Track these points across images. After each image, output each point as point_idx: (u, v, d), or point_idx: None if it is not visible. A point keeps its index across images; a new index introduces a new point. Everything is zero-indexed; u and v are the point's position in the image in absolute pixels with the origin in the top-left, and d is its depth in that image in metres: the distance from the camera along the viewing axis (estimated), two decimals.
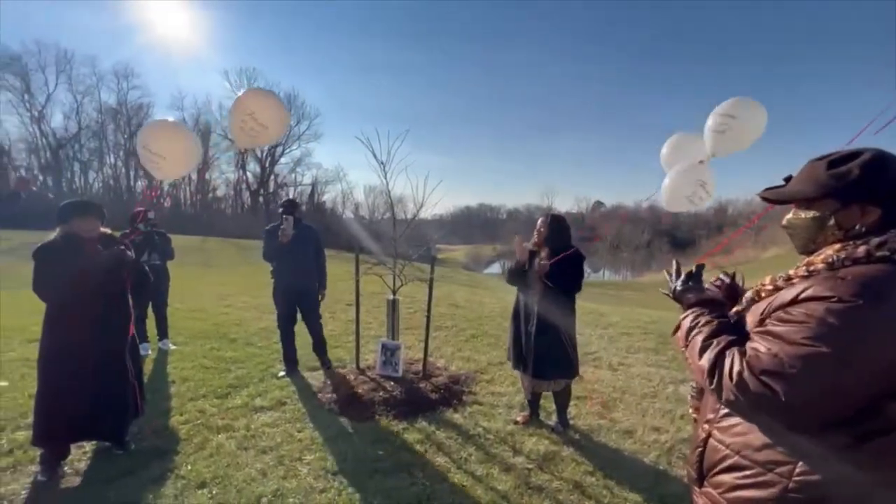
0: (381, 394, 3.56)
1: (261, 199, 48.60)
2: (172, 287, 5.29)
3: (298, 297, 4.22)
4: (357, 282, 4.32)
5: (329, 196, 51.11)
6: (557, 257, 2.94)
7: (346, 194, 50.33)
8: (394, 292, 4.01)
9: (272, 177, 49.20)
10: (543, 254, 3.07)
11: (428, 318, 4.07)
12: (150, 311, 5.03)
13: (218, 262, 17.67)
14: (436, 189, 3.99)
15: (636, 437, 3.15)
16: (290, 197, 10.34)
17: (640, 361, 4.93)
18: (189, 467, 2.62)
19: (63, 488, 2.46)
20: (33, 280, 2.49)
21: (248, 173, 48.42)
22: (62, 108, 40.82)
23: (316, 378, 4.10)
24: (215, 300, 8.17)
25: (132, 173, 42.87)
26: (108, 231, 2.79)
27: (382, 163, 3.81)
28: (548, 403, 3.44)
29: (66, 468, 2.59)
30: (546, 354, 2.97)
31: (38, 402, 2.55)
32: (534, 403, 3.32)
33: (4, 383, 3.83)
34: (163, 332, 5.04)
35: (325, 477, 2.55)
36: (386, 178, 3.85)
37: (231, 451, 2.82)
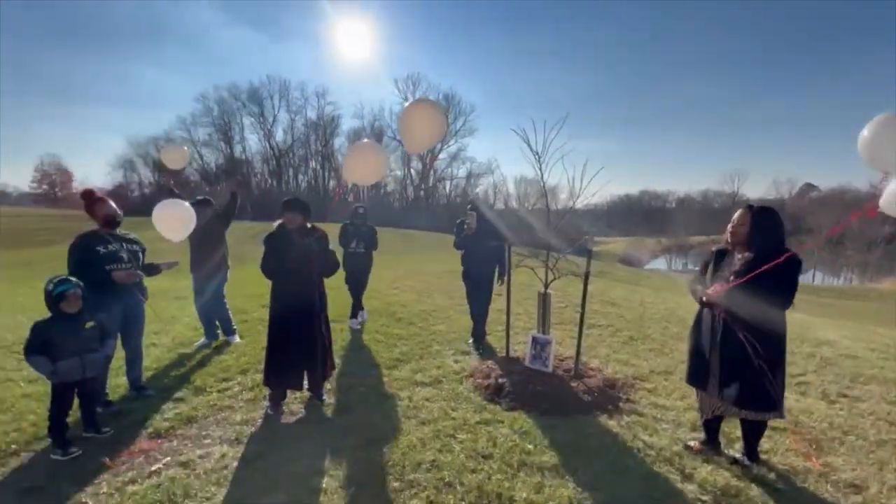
0: (530, 387, 3.54)
1: (422, 192, 53.39)
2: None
3: (480, 279, 4.90)
4: (508, 273, 4.37)
5: (481, 188, 52.86)
6: (759, 268, 2.36)
7: (497, 186, 51.26)
8: (546, 286, 3.91)
9: (431, 172, 53.41)
10: (740, 256, 2.54)
11: (582, 314, 3.85)
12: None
13: (386, 249, 20.16)
14: (595, 177, 3.71)
15: (867, 495, 2.40)
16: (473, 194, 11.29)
17: (873, 396, 3.73)
18: (365, 425, 3.08)
19: (283, 422, 3.18)
20: (261, 260, 3.27)
21: (412, 170, 53.61)
22: (282, 125, 52.17)
23: (467, 363, 4.33)
24: (385, 283, 9.34)
25: (326, 174, 52.12)
26: (309, 224, 3.42)
27: (537, 153, 3.73)
28: (731, 429, 2.90)
29: (283, 407, 3.33)
30: (736, 378, 2.49)
31: (266, 354, 3.35)
32: (712, 429, 2.81)
33: (241, 339, 5.11)
34: (357, 309, 6.00)
35: (476, 458, 2.67)
36: (541, 169, 3.76)
37: (397, 417, 3.20)
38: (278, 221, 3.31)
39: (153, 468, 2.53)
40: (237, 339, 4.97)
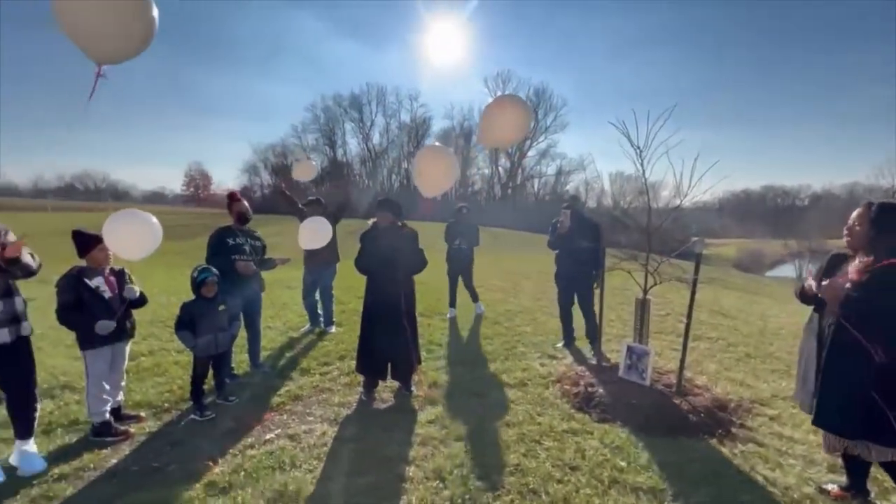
0: (624, 399, 3.30)
1: (509, 190, 52.85)
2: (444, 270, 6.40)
3: (574, 282, 4.67)
4: (602, 276, 4.11)
5: (572, 185, 50.63)
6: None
7: (590, 183, 48.60)
8: (644, 291, 3.60)
9: (519, 170, 52.60)
10: (859, 262, 2.11)
11: (687, 325, 3.48)
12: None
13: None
14: (707, 172, 3.31)
15: None
16: (573, 193, 11.16)
17: None
18: (450, 420, 3.14)
19: (374, 408, 3.39)
20: (356, 256, 3.51)
21: (500, 168, 53.32)
22: (378, 128, 55.44)
23: (554, 367, 4.18)
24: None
25: None
26: (399, 222, 3.58)
27: (638, 147, 3.44)
28: (885, 476, 2.38)
29: (375, 395, 3.55)
30: (851, 405, 2.07)
31: (358, 344, 3.59)
32: (858, 472, 2.32)
33: (340, 328, 5.56)
34: (475, 297, 6.36)
35: (563, 468, 2.57)
36: (642, 165, 3.46)
37: (481, 416, 3.21)
38: (373, 220, 3.54)
39: (267, 437, 2.88)
40: (333, 329, 5.43)
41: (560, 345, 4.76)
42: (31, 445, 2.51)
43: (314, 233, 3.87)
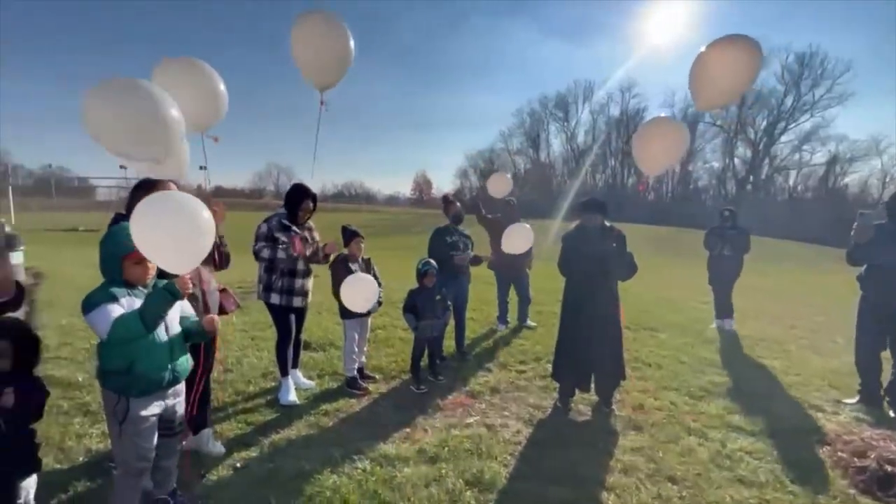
0: None
1: (749, 186, 42.66)
2: (651, 277, 5.64)
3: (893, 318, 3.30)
4: None
5: (856, 177, 37.14)
6: None
7: (887, 173, 34.75)
8: None
9: (766, 160, 41.78)
10: None
11: None
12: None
13: (692, 253, 17.25)
14: None
15: None
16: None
17: None
18: (661, 455, 2.71)
19: (569, 418, 3.23)
20: (559, 257, 3.39)
21: (736, 160, 43.61)
22: (584, 127, 53.31)
23: (822, 421, 3.11)
24: (690, 292, 8.02)
25: (626, 172, 49.79)
26: (608, 223, 3.29)
27: None
28: None
29: (572, 404, 3.38)
30: None
31: (556, 349, 3.48)
32: None
33: (535, 324, 5.54)
34: (728, 312, 5.64)
35: None
36: None
37: (702, 461, 2.66)
38: (576, 221, 3.36)
39: (468, 421, 3.11)
40: (529, 323, 5.48)
41: (852, 401, 3.49)
42: (290, 382, 3.34)
43: (518, 238, 3.97)
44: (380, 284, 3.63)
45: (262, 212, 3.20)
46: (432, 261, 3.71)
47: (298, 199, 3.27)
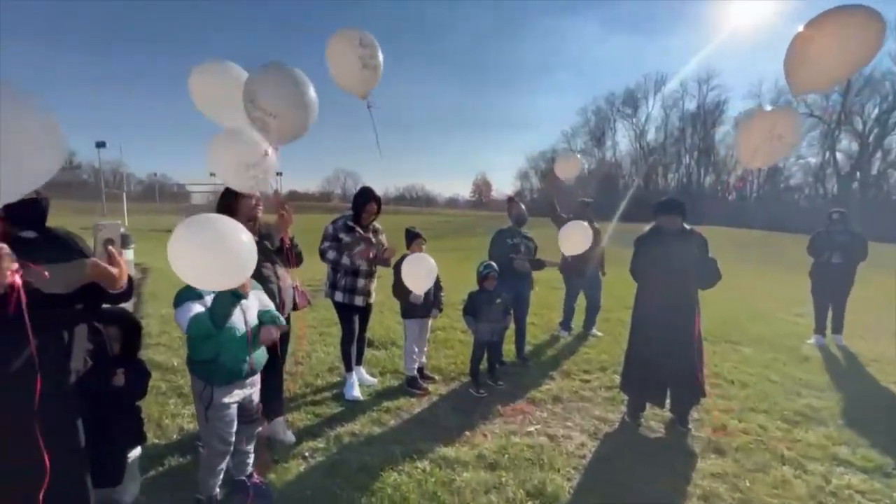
0: None
1: (855, 184, 37.46)
2: (734, 285, 5.13)
3: None
4: None
5: None
6: None
7: None
8: None
9: (877, 153, 36.47)
10: None
11: None
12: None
13: (782, 260, 15.45)
14: None
15: None
16: None
17: None
18: (747, 484, 2.44)
19: (639, 434, 3.02)
20: (630, 262, 3.18)
21: (839, 154, 38.50)
22: (655, 123, 50.12)
23: None
24: (780, 304, 7.18)
25: (702, 171, 45.96)
26: (687, 227, 3.03)
27: None
28: None
29: (641, 420, 3.16)
30: None
31: (625, 360, 3.26)
32: None
33: (600, 333, 5.26)
34: (838, 327, 5.14)
35: None
36: None
37: (800, 496, 2.34)
38: (651, 224, 3.14)
39: (529, 429, 3.02)
40: (596, 331, 5.23)
41: None
42: (354, 378, 3.46)
43: (575, 237, 3.80)
44: (440, 287, 3.65)
45: (331, 214, 3.35)
46: (493, 263, 3.66)
47: (363, 201, 3.39)
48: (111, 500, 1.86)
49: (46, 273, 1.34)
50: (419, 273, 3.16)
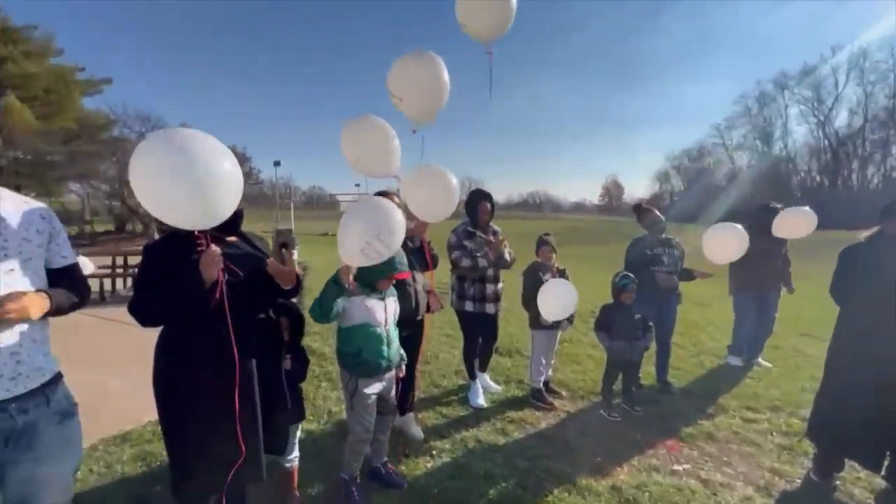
0: None
1: None
2: None
3: None
4: None
5: None
6: None
7: None
8: None
9: None
10: None
11: None
12: None
13: None
14: None
15: None
16: None
17: None
18: None
19: (833, 501, 2.37)
20: (832, 281, 2.50)
21: None
22: (848, 104, 40.03)
23: None
24: None
25: None
26: None
27: None
28: None
29: (837, 482, 2.47)
30: None
31: (817, 404, 2.58)
32: None
33: (769, 365, 4.32)
34: None
35: None
36: None
37: None
38: (866, 232, 2.44)
39: (675, 468, 2.62)
40: (763, 361, 4.33)
41: None
42: (478, 385, 3.45)
43: (727, 241, 3.19)
44: None
45: (455, 220, 3.42)
46: (631, 275, 3.31)
47: (475, 202, 3.37)
48: (277, 464, 2.18)
49: (240, 272, 1.64)
50: (558, 303, 3.01)
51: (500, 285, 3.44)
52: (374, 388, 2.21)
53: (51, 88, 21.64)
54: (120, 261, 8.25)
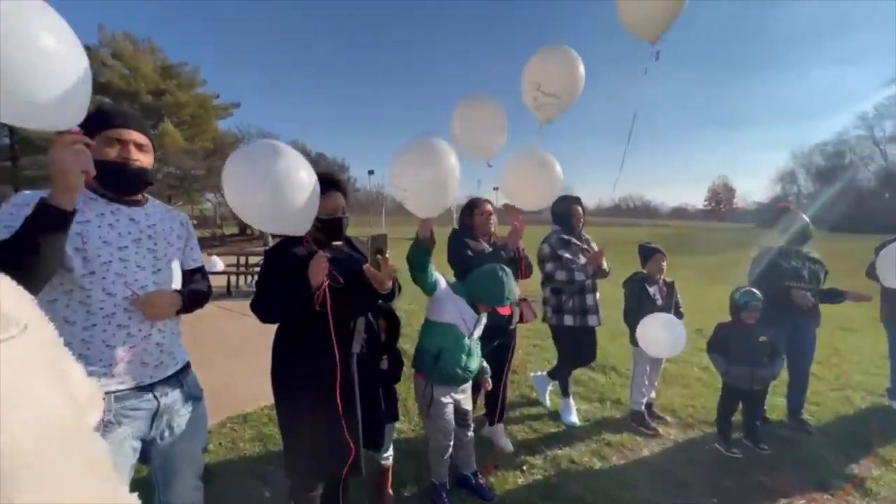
0: None
1: None
2: None
3: None
4: None
5: None
6: None
7: None
8: None
9: None
10: None
11: None
12: None
13: None
14: None
15: None
16: None
17: None
18: None
19: None
20: None
21: None
22: None
23: None
24: None
25: None
26: None
27: None
28: None
29: None
30: None
31: None
32: None
33: None
34: None
35: None
36: None
37: None
38: None
39: None
40: None
41: None
42: (570, 402, 3.26)
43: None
44: (681, 314, 3.11)
45: (544, 225, 3.26)
46: (755, 291, 2.87)
47: (566, 207, 3.14)
48: (373, 460, 2.28)
49: (343, 276, 1.74)
50: (663, 341, 2.76)
51: (598, 294, 3.20)
52: (448, 398, 2.21)
53: (195, 114, 25.73)
54: (243, 260, 9.46)
